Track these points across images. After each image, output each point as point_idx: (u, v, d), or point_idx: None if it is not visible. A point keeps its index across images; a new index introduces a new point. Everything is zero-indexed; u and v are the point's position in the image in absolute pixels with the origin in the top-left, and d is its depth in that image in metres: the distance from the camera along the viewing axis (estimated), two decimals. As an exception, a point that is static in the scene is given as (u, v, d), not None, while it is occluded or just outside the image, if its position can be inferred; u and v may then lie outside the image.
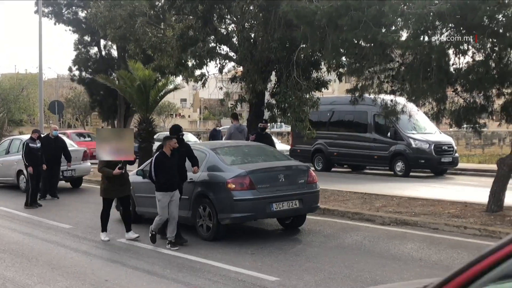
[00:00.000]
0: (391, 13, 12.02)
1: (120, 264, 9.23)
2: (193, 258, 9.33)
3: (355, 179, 21.45)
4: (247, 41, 16.25)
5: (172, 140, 10.26)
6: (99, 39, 42.35)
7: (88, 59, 44.90)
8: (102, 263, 9.38)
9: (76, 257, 9.82)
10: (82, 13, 42.22)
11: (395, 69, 14.70)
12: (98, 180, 20.47)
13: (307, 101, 16.45)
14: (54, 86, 77.89)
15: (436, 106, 14.32)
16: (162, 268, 8.89)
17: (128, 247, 10.43)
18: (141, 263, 9.26)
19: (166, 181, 10.11)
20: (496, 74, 12.61)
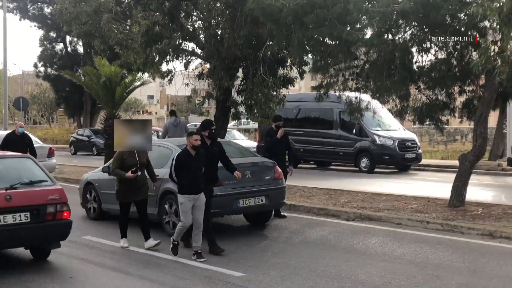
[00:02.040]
0: (356, 11, 12.10)
1: (85, 261, 9.12)
2: (159, 255, 9.28)
3: (321, 175, 21.56)
4: (213, 38, 16.17)
5: (193, 137, 8.94)
6: (65, 35, 41.84)
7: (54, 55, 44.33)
8: (67, 260, 9.24)
9: (41, 255, 9.66)
10: (48, 9, 41.64)
11: (359, 67, 14.82)
12: (63, 177, 20.32)
13: (274, 98, 16.44)
14: (19, 83, 76.65)
15: (399, 103, 14.50)
16: (128, 265, 8.83)
17: (93, 245, 10.32)
18: (107, 260, 9.18)
19: (189, 183, 8.91)
20: (458, 72, 12.82)
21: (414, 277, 7.84)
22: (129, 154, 9.65)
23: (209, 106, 28.60)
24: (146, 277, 8.19)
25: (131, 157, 9.64)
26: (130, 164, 9.56)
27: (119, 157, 9.72)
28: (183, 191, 8.98)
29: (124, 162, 9.61)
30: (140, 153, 9.72)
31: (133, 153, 9.65)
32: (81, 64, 38.21)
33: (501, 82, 11.66)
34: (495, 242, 9.97)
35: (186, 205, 8.94)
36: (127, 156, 9.64)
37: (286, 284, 7.66)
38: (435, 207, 12.61)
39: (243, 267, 8.47)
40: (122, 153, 9.68)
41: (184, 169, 8.90)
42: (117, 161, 9.72)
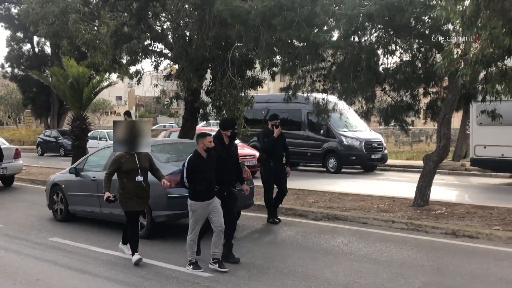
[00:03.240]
0: (323, 13, 12.16)
1: (52, 263, 8.99)
2: (127, 256, 9.17)
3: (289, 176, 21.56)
4: (182, 39, 16.10)
5: (207, 139, 8.23)
6: (32, 36, 41.30)
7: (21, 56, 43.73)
8: (34, 262, 9.11)
9: (7, 257, 9.50)
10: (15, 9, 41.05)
11: (327, 69, 14.91)
12: (30, 179, 20.01)
13: (242, 99, 16.44)
14: (-15, 83, 75.24)
15: (365, 105, 14.64)
16: (95, 267, 8.72)
17: (60, 246, 10.18)
18: (74, 262, 9.05)
19: (202, 188, 8.22)
20: (422, 74, 12.98)
21: (379, 276, 7.91)
22: (128, 158, 8.75)
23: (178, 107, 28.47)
24: (113, 278, 8.11)
25: (130, 161, 8.74)
26: (129, 168, 8.71)
27: (116, 160, 8.83)
28: (196, 197, 8.24)
29: (122, 166, 8.73)
30: (140, 157, 8.84)
31: (132, 157, 8.77)
32: (49, 65, 37.70)
33: (464, 84, 11.84)
34: (458, 240, 10.12)
35: (200, 213, 8.25)
36: (126, 160, 8.73)
37: (253, 284, 7.65)
38: (400, 207, 12.74)
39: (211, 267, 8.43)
40: (121, 157, 8.78)
41: (197, 173, 8.20)
42: (113, 165, 8.84)
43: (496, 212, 11.96)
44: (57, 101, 39.96)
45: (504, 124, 14.61)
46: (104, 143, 28.20)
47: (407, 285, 7.48)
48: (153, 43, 17.40)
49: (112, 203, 8.82)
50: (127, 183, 8.72)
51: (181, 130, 18.51)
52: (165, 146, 12.01)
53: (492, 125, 14.98)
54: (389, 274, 7.99)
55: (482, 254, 9.16)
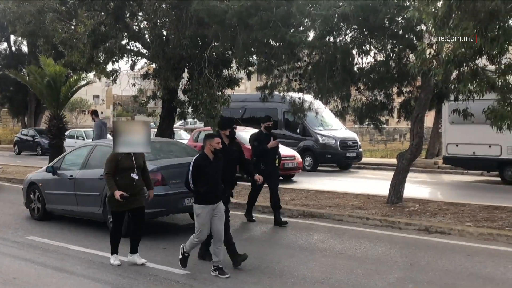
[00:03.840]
0: (299, 14, 12.21)
1: (29, 262, 8.89)
2: (103, 254, 9.11)
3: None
4: (159, 38, 16.05)
5: (214, 140, 7.86)
6: (9, 35, 40.79)
7: (-2, 55, 43.15)
8: (11, 261, 9.00)
9: (-17, 256, 9.38)
10: (-9, 8, 40.38)
11: (302, 68, 14.97)
12: (7, 177, 19.76)
13: (219, 98, 16.46)
14: (-39, 82, 73.99)
15: (340, 104, 14.71)
16: (72, 265, 8.64)
17: (37, 245, 10.06)
18: (51, 260, 8.96)
19: (208, 191, 7.82)
20: (396, 73, 13.08)
21: (354, 272, 7.96)
22: (125, 156, 8.50)
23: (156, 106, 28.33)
24: (90, 276, 8.05)
25: (127, 159, 8.49)
26: (126, 167, 8.42)
27: (113, 159, 8.52)
28: (201, 201, 7.87)
29: (119, 164, 8.43)
30: (137, 155, 8.62)
31: (128, 155, 8.51)
32: (26, 64, 37.28)
33: (436, 83, 11.96)
34: (431, 237, 10.22)
35: (205, 217, 7.84)
36: (122, 158, 8.48)
37: (229, 281, 7.65)
38: (375, 204, 12.84)
39: (188, 265, 8.40)
40: (117, 155, 8.51)
41: (203, 176, 7.80)
42: (111, 163, 8.48)
43: (468, 209, 12.10)
44: (34, 100, 39.49)
45: (475, 123, 14.77)
46: (81, 142, 27.99)
47: (381, 281, 7.53)
48: (130, 42, 17.33)
49: (126, 199, 8.32)
50: (120, 182, 8.42)
51: (158, 129, 18.43)
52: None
53: (464, 123, 15.16)
54: (364, 270, 8.04)
55: (454, 250, 9.26)
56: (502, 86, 9.89)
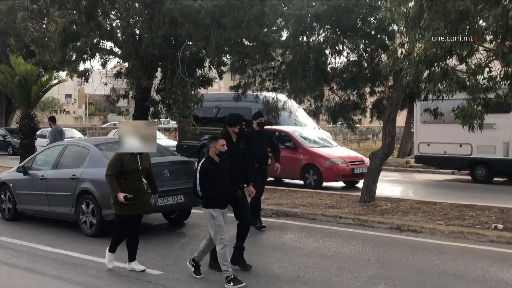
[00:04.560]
0: (272, 13, 12.24)
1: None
2: (76, 255, 9.03)
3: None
4: (131, 37, 15.97)
5: (219, 142, 7.40)
6: (-21, 33, 40.11)
7: (-33, 53, 42.42)
8: (-20, 263, 8.87)
9: (-49, 258, 9.22)
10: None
11: (276, 68, 15.02)
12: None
13: (192, 98, 16.43)
14: None
15: (314, 103, 14.79)
16: (43, 266, 8.54)
17: (8, 245, 9.93)
18: (22, 261, 8.85)
19: (217, 195, 7.45)
20: (368, 73, 13.19)
21: (327, 270, 8.00)
22: (130, 158, 7.97)
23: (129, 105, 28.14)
24: (62, 277, 7.96)
25: (132, 161, 7.98)
26: (131, 169, 7.93)
27: (117, 160, 7.99)
28: (210, 205, 7.46)
29: (124, 166, 7.91)
30: (142, 157, 8.12)
31: (134, 157, 8.01)
32: (-4, 62, 36.71)
33: (408, 83, 12.08)
34: (403, 235, 10.32)
35: (220, 218, 7.46)
36: (128, 160, 7.94)
37: (203, 281, 7.64)
38: (348, 203, 12.92)
39: (161, 265, 8.37)
40: (122, 156, 7.97)
41: (210, 180, 7.42)
42: (114, 164, 7.97)
43: (439, 207, 12.25)
44: (5, 99, 38.92)
45: (446, 122, 14.95)
46: (53, 141, 27.65)
47: (353, 279, 7.58)
48: (102, 41, 17.19)
49: (130, 201, 7.84)
50: (125, 185, 7.89)
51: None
52: (114, 144, 11.78)
53: (435, 123, 15.35)
54: (336, 269, 8.08)
55: (425, 248, 9.36)
56: (472, 86, 10.02)
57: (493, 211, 11.70)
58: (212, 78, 17.94)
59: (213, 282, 7.60)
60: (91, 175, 10.45)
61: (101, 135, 40.29)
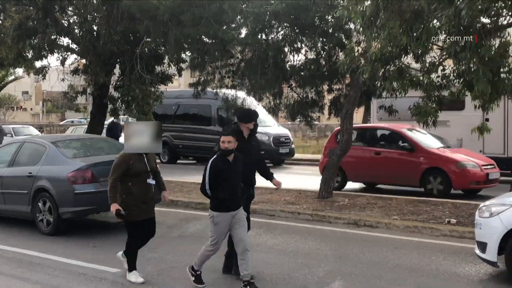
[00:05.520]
0: (231, 11, 12.24)
1: (-48, 263, 8.57)
2: (33, 253, 8.89)
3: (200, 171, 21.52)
4: (89, 34, 15.72)
5: (221, 139, 6.87)
6: None
7: None
8: None
9: None
10: None
11: (235, 65, 15.00)
12: None
13: (151, 95, 16.30)
14: None
15: (273, 100, 14.84)
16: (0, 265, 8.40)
17: (-39, 245, 9.71)
18: (-24, 261, 8.67)
19: (227, 197, 6.89)
20: (326, 71, 13.31)
21: (285, 266, 8.05)
22: (137, 159, 7.42)
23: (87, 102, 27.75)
24: (19, 276, 7.83)
25: (140, 162, 7.43)
26: (139, 170, 7.39)
27: (123, 162, 7.38)
28: (219, 208, 6.92)
29: (131, 168, 7.35)
30: (148, 157, 7.63)
31: (141, 157, 7.48)
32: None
33: (364, 81, 12.22)
34: (359, 230, 10.46)
35: (223, 224, 6.92)
36: (135, 161, 7.39)
37: (162, 278, 7.61)
38: (306, 199, 13.02)
39: (118, 263, 8.25)
40: (129, 157, 7.40)
41: (221, 180, 6.88)
42: (120, 166, 7.35)
43: (395, 203, 12.45)
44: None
45: (402, 120, 15.17)
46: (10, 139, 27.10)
47: (311, 274, 7.66)
48: (59, 38, 16.89)
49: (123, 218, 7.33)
50: (134, 188, 7.34)
51: (88, 126, 18.08)
52: (71, 142, 11.66)
53: (391, 120, 15.53)
54: (295, 264, 8.15)
55: (381, 242, 9.51)
56: (426, 84, 10.21)
57: (446, 206, 11.95)
58: (172, 75, 17.82)
59: (171, 278, 7.57)
60: (48, 172, 10.30)
61: (59, 132, 39.59)
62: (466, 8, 8.10)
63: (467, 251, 8.57)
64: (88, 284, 7.45)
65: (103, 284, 7.40)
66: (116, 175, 7.29)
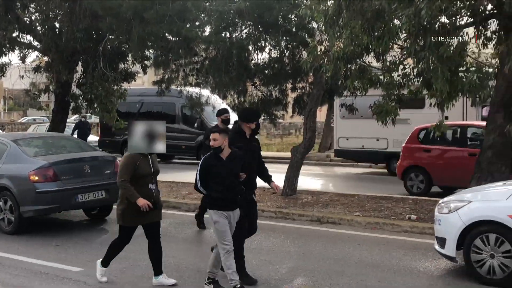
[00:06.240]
0: (195, 8, 12.20)
1: None
2: (1, 255, 8.70)
3: (164, 169, 21.11)
4: (51, 31, 15.44)
5: (213, 135, 6.67)
6: None
7: None
8: None
9: None
10: None
11: (199, 63, 14.94)
12: None
13: (115, 92, 16.09)
14: None
15: (237, 98, 14.82)
16: (-43, 266, 8.19)
17: None
18: None
19: (221, 196, 6.65)
20: (289, 69, 13.36)
21: (248, 263, 7.99)
22: (142, 160, 7.06)
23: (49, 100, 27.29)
24: (-22, 277, 7.66)
25: (145, 164, 7.08)
26: (145, 173, 7.04)
27: (131, 163, 7.00)
28: (214, 206, 6.72)
29: (136, 169, 6.97)
30: (153, 159, 7.25)
31: (147, 159, 7.12)
32: None
33: (327, 79, 12.30)
34: (322, 227, 10.53)
35: (223, 223, 6.66)
36: (141, 163, 7.03)
37: (126, 276, 7.53)
38: (270, 196, 13.04)
39: (81, 261, 8.19)
40: (135, 159, 7.02)
41: (213, 178, 6.67)
42: (128, 167, 6.97)
43: (357, 200, 12.57)
44: None
45: (364, 118, 15.34)
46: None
47: (274, 271, 7.67)
48: (21, 35, 16.55)
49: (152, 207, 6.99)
50: (139, 191, 6.96)
51: (50, 124, 17.78)
52: (33, 140, 11.45)
53: (354, 118, 15.72)
54: (258, 261, 8.15)
55: (344, 239, 9.59)
56: (387, 82, 10.32)
57: (407, 203, 12.11)
58: (135, 73, 17.63)
59: (135, 276, 7.50)
60: (8, 171, 10.11)
61: (21, 130, 38.87)
62: (426, 8, 8.22)
63: (427, 246, 8.69)
64: (50, 283, 7.33)
65: (66, 283, 7.29)
66: (126, 177, 6.92)
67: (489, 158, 10.23)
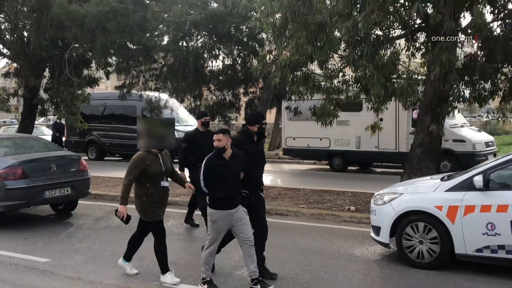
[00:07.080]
0: (154, 20, 12.10)
1: None
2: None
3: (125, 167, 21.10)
4: (20, 39, 15.11)
5: (216, 136, 6.28)
6: None
7: None
8: None
9: None
10: None
11: (158, 69, 14.85)
12: None
13: (79, 96, 15.82)
14: None
15: (193, 102, 14.78)
16: None
17: None
18: None
19: (225, 195, 6.23)
20: (241, 76, 13.39)
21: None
22: (153, 160, 6.61)
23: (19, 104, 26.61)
24: None
25: (156, 163, 6.62)
26: (155, 171, 6.57)
27: (140, 163, 6.57)
28: (217, 205, 6.27)
29: (147, 169, 6.54)
30: (164, 157, 6.76)
31: (157, 159, 6.66)
32: None
33: (275, 85, 12.39)
34: (271, 218, 10.52)
35: (221, 224, 6.26)
36: (151, 162, 6.58)
37: (89, 266, 7.40)
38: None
39: (48, 253, 8.01)
40: (145, 158, 6.58)
41: (217, 177, 6.24)
42: (137, 167, 6.56)
43: (303, 193, 12.67)
44: None
45: (309, 119, 15.44)
46: None
47: (228, 259, 7.66)
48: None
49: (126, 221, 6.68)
50: (152, 189, 6.59)
51: (19, 125, 17.35)
52: (2, 140, 11.13)
53: (300, 120, 15.77)
54: (213, 250, 8.11)
55: (291, 229, 9.65)
56: (328, 88, 10.45)
57: (347, 195, 12.27)
58: (98, 78, 17.38)
59: (105, 268, 7.38)
60: (-22, 170, 9.78)
61: (-10, 132, 37.73)
62: (363, 21, 8.34)
63: (364, 234, 8.83)
64: (19, 273, 7.13)
65: (34, 273, 7.10)
66: (132, 177, 6.55)
67: (418, 155, 10.46)
